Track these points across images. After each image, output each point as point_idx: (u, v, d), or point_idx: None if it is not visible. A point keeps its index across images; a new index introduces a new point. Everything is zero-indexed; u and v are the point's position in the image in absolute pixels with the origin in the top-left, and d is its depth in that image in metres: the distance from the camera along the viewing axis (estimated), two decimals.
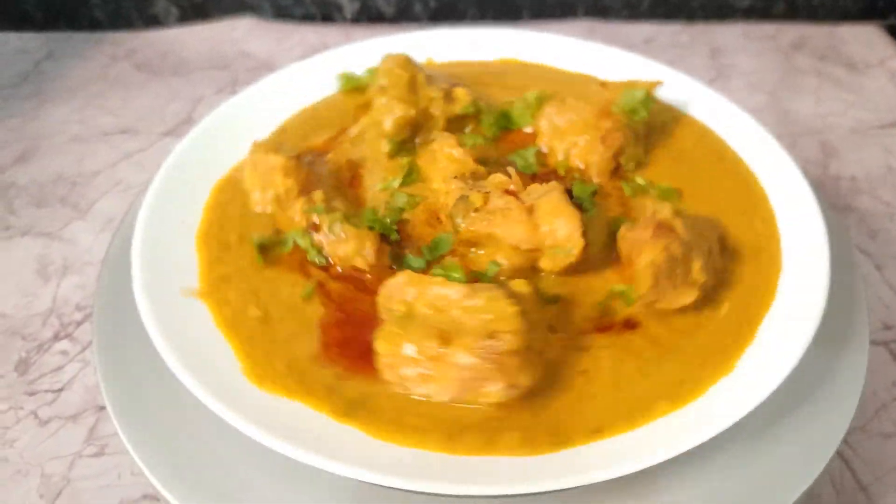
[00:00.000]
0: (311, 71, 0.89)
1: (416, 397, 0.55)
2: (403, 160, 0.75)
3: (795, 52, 1.38)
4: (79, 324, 0.88)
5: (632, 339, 0.60)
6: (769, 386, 0.54)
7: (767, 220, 0.70)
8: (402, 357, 0.54)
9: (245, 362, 0.59)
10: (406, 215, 0.70)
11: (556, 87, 0.82)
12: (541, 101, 0.79)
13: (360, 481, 0.50)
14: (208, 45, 1.39)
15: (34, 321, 0.88)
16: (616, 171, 0.74)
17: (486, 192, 0.64)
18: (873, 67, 1.33)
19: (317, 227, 0.66)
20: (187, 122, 1.19)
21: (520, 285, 0.58)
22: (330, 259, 0.66)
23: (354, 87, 0.86)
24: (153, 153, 1.13)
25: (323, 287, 0.64)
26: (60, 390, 0.80)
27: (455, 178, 0.67)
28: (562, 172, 0.74)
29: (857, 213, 1.03)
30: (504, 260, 0.63)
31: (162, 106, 1.23)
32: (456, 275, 0.61)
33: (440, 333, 0.53)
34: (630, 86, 0.77)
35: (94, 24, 1.46)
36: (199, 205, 0.73)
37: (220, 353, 0.59)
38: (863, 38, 1.41)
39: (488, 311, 0.53)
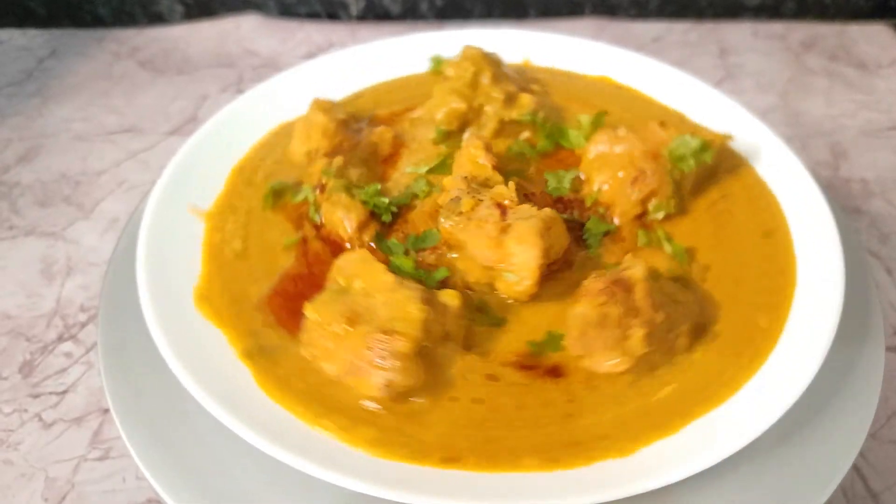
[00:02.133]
0: (314, 72, 0.88)
1: (317, 366, 0.58)
2: (443, 150, 0.76)
3: (806, 51, 1.36)
4: (83, 325, 0.87)
5: (547, 387, 0.56)
6: (789, 398, 0.53)
7: (775, 318, 0.61)
8: (317, 325, 0.57)
9: (201, 282, 0.64)
10: (416, 202, 0.70)
11: (629, 115, 0.80)
12: (595, 126, 0.77)
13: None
14: (213, 42, 1.38)
15: (38, 322, 0.87)
16: (641, 217, 0.70)
17: (479, 200, 0.63)
18: (884, 67, 1.31)
19: (323, 188, 0.69)
20: (192, 120, 1.19)
21: (448, 296, 0.58)
22: (322, 219, 0.69)
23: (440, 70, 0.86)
24: (158, 152, 1.13)
25: (305, 243, 0.68)
26: (65, 392, 0.80)
27: (464, 178, 0.66)
28: (588, 204, 0.71)
29: (868, 217, 1.02)
30: (465, 270, 0.63)
31: (166, 104, 1.23)
32: (406, 267, 0.62)
33: (352, 315, 0.55)
34: (693, 130, 0.72)
35: (98, 21, 1.45)
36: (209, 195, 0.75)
37: (228, 363, 0.59)
38: (874, 37, 1.39)
39: (398, 308, 0.55)
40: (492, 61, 0.81)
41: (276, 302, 0.63)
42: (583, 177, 0.73)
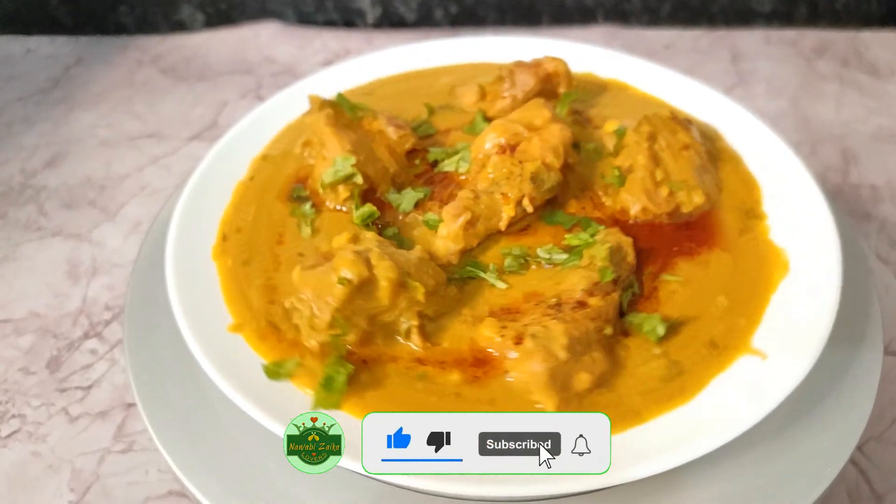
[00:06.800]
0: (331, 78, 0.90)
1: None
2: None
3: (817, 57, 1.37)
4: (107, 323, 0.90)
5: None
6: (785, 387, 0.55)
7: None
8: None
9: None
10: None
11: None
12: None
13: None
14: (233, 50, 1.41)
15: (65, 321, 0.90)
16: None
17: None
18: None
19: None
20: (213, 126, 1.22)
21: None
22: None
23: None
24: (179, 157, 1.16)
25: None
26: (90, 388, 0.83)
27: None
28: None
29: (878, 221, 1.02)
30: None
31: (187, 110, 1.26)
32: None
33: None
34: None
35: (122, 30, 1.49)
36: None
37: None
38: (886, 43, 1.40)
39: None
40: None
41: None
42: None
